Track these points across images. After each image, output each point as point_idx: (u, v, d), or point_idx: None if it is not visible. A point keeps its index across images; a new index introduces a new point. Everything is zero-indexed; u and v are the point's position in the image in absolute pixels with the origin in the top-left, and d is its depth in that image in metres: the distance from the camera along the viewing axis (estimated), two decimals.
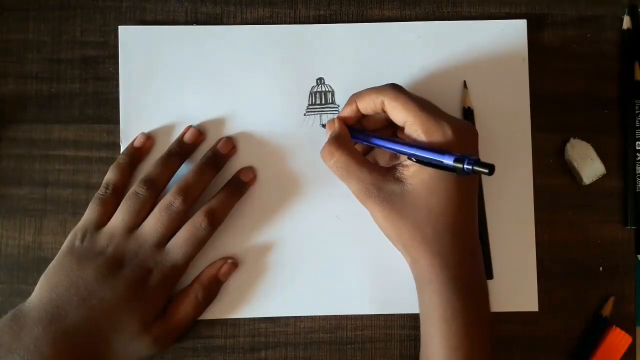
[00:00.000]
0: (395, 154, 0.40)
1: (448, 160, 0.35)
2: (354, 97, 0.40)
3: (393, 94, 0.38)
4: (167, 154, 0.42)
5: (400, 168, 0.38)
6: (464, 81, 0.44)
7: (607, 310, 0.43)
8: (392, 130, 0.41)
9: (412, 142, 0.37)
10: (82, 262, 0.39)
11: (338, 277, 0.43)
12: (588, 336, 0.43)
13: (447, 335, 0.36)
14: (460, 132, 0.37)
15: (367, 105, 0.39)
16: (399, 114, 0.37)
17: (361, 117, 0.41)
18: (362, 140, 0.40)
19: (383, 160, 0.42)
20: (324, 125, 0.43)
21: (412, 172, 0.37)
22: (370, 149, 0.43)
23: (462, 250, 0.37)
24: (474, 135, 0.39)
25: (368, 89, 0.39)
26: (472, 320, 0.36)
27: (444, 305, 0.36)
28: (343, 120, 0.40)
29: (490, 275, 0.43)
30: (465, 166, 0.34)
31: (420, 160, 0.36)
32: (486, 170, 0.34)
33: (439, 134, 0.36)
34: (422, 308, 0.38)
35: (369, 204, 0.38)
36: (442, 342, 0.36)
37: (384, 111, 0.39)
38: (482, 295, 0.38)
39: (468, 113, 0.43)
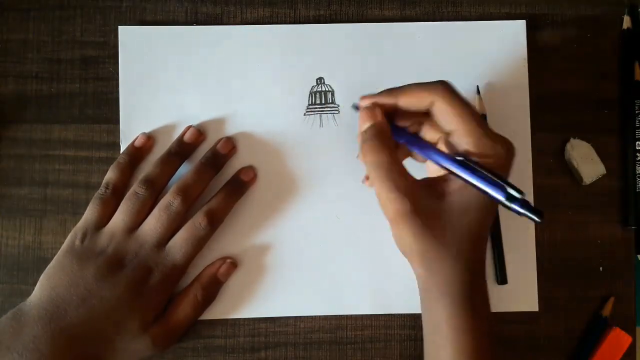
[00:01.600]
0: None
1: (500, 196, 0.32)
2: (398, 91, 0.36)
3: (448, 97, 0.34)
4: (167, 154, 0.42)
5: (443, 182, 0.35)
6: (477, 86, 0.43)
7: (607, 310, 0.43)
8: (418, 125, 0.37)
9: (465, 164, 0.34)
10: (82, 262, 0.39)
11: (338, 277, 0.43)
12: (588, 336, 0.43)
13: (457, 346, 0.34)
14: (510, 152, 0.34)
15: (412, 103, 0.35)
16: (451, 121, 0.34)
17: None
18: (405, 142, 0.36)
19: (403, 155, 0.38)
20: (356, 108, 0.37)
21: (455, 188, 0.34)
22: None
23: (477, 261, 0.35)
24: (514, 154, 0.35)
25: (415, 84, 0.35)
26: (481, 329, 0.35)
27: (457, 316, 0.34)
28: (382, 109, 0.36)
29: (504, 280, 0.42)
30: (516, 207, 0.32)
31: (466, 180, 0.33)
32: (536, 219, 0.32)
33: (492, 154, 0.33)
34: (430, 318, 0.36)
35: (399, 219, 0.34)
36: (454, 354, 0.34)
37: (428, 111, 0.35)
38: (487, 302, 0.37)
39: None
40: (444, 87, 0.34)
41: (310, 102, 0.44)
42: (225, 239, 0.43)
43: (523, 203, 0.32)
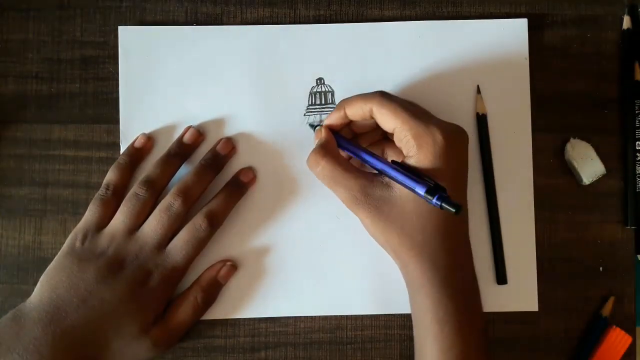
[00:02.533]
0: (398, 145, 0.39)
1: (420, 190, 0.35)
2: (343, 103, 0.39)
3: (381, 101, 0.37)
4: (167, 155, 0.42)
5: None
6: (477, 86, 0.44)
7: (607, 310, 0.43)
8: (382, 133, 0.41)
9: (387, 162, 0.38)
10: (82, 263, 0.39)
11: (338, 277, 0.43)
12: (588, 336, 0.43)
13: (440, 337, 0.36)
14: (451, 136, 0.37)
15: (356, 112, 0.39)
16: (388, 121, 0.37)
17: (350, 122, 0.40)
18: (347, 150, 0.40)
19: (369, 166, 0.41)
20: (311, 126, 0.43)
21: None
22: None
23: (452, 253, 0.37)
24: (465, 139, 0.39)
25: (357, 95, 0.39)
26: (465, 321, 0.36)
27: (436, 308, 0.36)
28: (330, 127, 0.40)
29: (503, 280, 0.43)
30: (434, 201, 0.34)
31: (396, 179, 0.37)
32: (452, 210, 0.34)
33: (429, 139, 0.36)
34: (415, 312, 0.38)
35: (357, 211, 0.38)
36: (435, 344, 0.36)
37: (372, 118, 0.39)
38: (474, 297, 0.38)
39: (482, 120, 0.43)
40: (380, 94, 0.38)
41: (310, 103, 0.44)
42: (225, 240, 0.43)
43: (440, 197, 0.34)
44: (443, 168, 0.36)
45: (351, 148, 0.40)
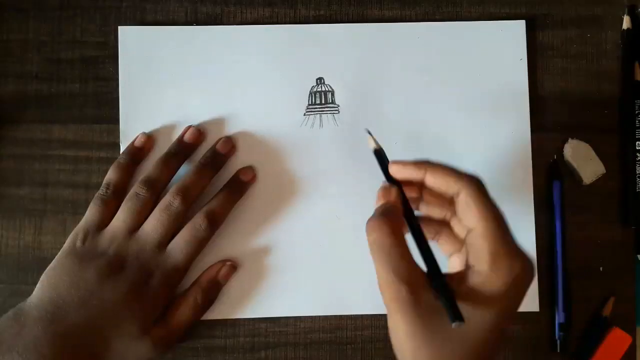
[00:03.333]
0: (468, 247, 0.32)
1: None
2: (427, 166, 0.33)
3: (475, 191, 0.32)
4: (167, 154, 0.42)
5: (455, 280, 0.31)
6: (367, 129, 0.38)
7: (607, 310, 0.43)
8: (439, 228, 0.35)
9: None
10: (83, 262, 0.39)
11: (338, 277, 0.43)
12: (588, 336, 0.43)
13: None
14: (526, 273, 0.31)
15: (438, 184, 0.33)
16: (472, 218, 0.31)
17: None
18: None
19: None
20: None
21: (469, 289, 0.31)
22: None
23: None
24: (533, 277, 0.32)
25: (448, 166, 0.33)
26: None
27: None
28: (400, 190, 0.34)
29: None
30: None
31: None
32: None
33: (506, 269, 0.30)
34: None
35: (394, 310, 0.30)
36: None
37: (451, 199, 0.33)
38: None
39: (377, 154, 0.36)
40: (474, 181, 0.32)
41: (310, 102, 0.44)
42: (226, 240, 0.43)
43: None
44: (506, 300, 0.30)
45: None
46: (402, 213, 0.33)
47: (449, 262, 0.35)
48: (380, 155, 0.36)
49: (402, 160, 0.34)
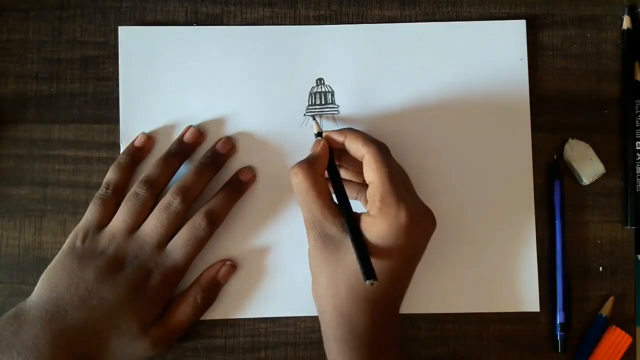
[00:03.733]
0: (367, 197, 0.38)
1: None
2: (347, 132, 0.39)
3: (375, 154, 0.37)
4: (167, 154, 0.42)
5: (357, 217, 0.37)
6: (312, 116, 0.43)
7: (607, 310, 0.43)
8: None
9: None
10: (82, 262, 0.39)
11: None
12: (588, 336, 0.43)
13: None
14: (416, 219, 0.36)
15: (351, 148, 0.39)
16: (369, 175, 0.37)
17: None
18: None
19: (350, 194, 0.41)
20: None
21: (362, 228, 0.37)
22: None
23: (374, 319, 0.36)
24: (430, 225, 0.38)
25: (363, 133, 0.39)
26: None
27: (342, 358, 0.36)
28: (329, 145, 0.40)
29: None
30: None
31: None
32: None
33: (392, 211, 0.35)
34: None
35: (309, 236, 0.38)
36: None
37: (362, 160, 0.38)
38: (392, 350, 0.37)
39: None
40: (378, 146, 0.38)
41: (310, 103, 0.44)
42: (225, 240, 0.43)
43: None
44: (394, 244, 0.36)
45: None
46: (326, 163, 0.39)
47: (361, 201, 0.42)
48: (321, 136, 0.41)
49: (334, 130, 0.41)
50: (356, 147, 0.38)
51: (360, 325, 0.36)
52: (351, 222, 0.37)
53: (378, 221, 0.36)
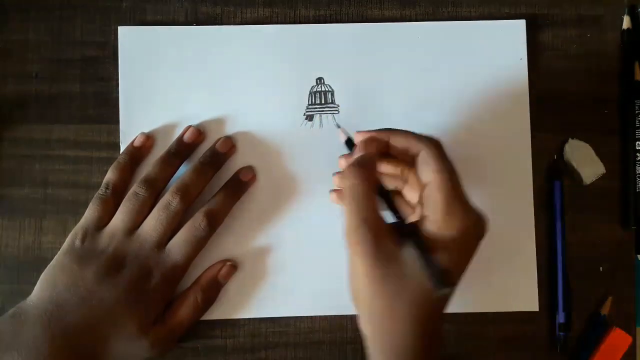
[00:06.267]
0: (422, 200, 0.34)
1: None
2: (392, 132, 0.37)
3: (434, 150, 0.34)
4: (166, 154, 0.42)
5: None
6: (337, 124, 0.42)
7: (606, 308, 0.43)
8: (402, 182, 0.38)
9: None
10: (82, 262, 0.39)
11: (338, 277, 0.43)
12: (588, 335, 0.43)
13: None
14: (477, 231, 0.34)
15: (400, 146, 0.36)
16: (429, 172, 0.34)
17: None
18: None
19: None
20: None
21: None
22: None
23: (435, 325, 0.34)
24: (484, 233, 0.35)
25: (407, 131, 0.36)
26: None
27: None
28: (376, 141, 0.36)
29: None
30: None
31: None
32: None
33: (459, 222, 0.33)
34: None
35: (355, 251, 0.32)
36: None
37: (413, 157, 0.35)
38: None
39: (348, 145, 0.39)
40: (435, 142, 0.35)
41: (310, 102, 0.44)
42: (225, 240, 0.43)
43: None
44: (456, 256, 0.33)
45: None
46: (376, 165, 0.36)
47: None
48: (351, 144, 0.39)
49: (367, 130, 0.37)
50: (408, 143, 0.35)
51: (419, 348, 0.33)
52: (413, 228, 0.33)
53: (446, 226, 0.33)
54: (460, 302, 0.43)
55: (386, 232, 0.33)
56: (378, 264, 0.32)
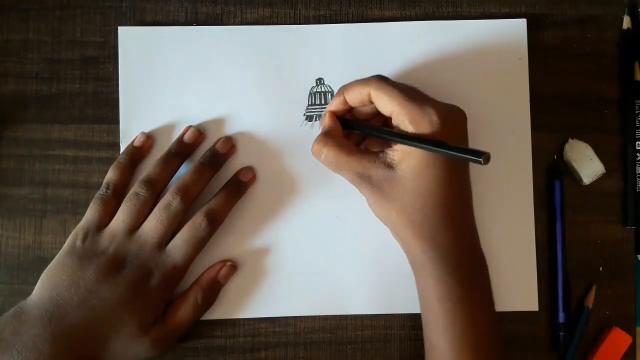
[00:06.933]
0: (397, 129, 0.39)
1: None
2: (342, 89, 0.40)
3: (378, 85, 0.38)
4: (167, 154, 0.42)
5: (390, 152, 0.38)
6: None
7: (589, 301, 0.43)
8: (382, 120, 0.41)
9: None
10: (83, 262, 0.39)
11: (338, 277, 0.43)
12: (571, 326, 0.43)
13: (442, 314, 0.36)
14: (448, 117, 0.37)
15: (355, 97, 0.39)
16: (385, 104, 0.38)
17: (351, 109, 0.41)
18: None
19: (376, 147, 0.41)
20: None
21: (400, 157, 0.37)
22: (364, 138, 0.43)
23: (454, 233, 0.37)
24: (462, 116, 0.39)
25: (355, 81, 0.40)
26: (467, 299, 0.36)
27: (437, 286, 0.36)
28: (333, 113, 0.41)
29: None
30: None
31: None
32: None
33: (426, 121, 0.36)
34: (419, 291, 0.39)
35: (362, 191, 0.39)
36: (439, 322, 0.36)
37: (372, 102, 0.39)
38: (478, 275, 0.38)
39: None
40: (377, 78, 0.39)
41: (310, 103, 0.44)
42: (225, 240, 0.43)
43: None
44: (446, 139, 0.36)
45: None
46: (340, 129, 0.40)
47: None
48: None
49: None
50: (359, 93, 0.39)
51: (445, 244, 0.37)
52: (403, 133, 0.37)
53: (417, 136, 0.36)
54: None
55: (374, 163, 0.38)
56: (376, 191, 0.38)
